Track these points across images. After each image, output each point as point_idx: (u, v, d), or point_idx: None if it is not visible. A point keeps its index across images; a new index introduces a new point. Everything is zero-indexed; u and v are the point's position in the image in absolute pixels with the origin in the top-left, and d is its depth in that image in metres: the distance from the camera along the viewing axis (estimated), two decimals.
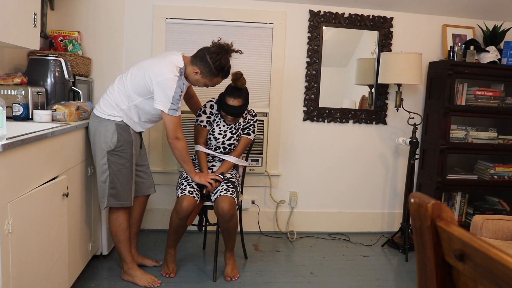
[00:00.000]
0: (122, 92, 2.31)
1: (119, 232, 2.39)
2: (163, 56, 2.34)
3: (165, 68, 2.22)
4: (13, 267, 1.49)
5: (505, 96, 3.27)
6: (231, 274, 2.55)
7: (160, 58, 2.32)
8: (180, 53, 2.35)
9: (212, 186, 2.50)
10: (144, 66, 2.29)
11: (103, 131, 2.27)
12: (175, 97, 2.22)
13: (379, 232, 3.56)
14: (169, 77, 2.20)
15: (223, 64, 2.33)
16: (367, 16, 3.33)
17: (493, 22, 3.39)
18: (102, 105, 2.33)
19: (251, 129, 2.68)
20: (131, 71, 2.34)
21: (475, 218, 2.21)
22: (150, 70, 2.24)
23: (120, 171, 2.31)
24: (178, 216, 2.42)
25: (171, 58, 2.29)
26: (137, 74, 2.28)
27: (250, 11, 3.23)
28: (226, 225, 2.44)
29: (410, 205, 0.81)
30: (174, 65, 2.25)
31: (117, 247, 2.43)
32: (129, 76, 2.32)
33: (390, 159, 3.54)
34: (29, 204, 1.62)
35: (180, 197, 2.44)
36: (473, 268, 0.70)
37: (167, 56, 2.32)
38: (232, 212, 2.40)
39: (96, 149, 2.31)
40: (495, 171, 3.32)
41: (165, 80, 2.20)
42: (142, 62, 2.35)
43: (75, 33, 2.99)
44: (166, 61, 2.27)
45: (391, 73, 3.08)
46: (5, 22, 1.85)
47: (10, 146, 1.42)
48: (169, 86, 2.20)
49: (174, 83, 2.21)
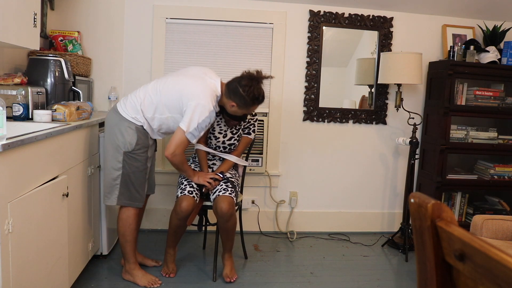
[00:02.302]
0: (152, 102, 2.28)
1: (127, 232, 2.40)
2: (202, 77, 2.30)
3: (205, 94, 2.22)
4: (13, 267, 1.49)
5: (505, 96, 3.27)
6: (230, 275, 2.54)
7: (200, 80, 2.28)
8: (219, 79, 2.34)
9: (211, 185, 2.50)
10: (182, 84, 2.27)
11: (123, 130, 2.27)
12: (201, 125, 2.22)
13: (379, 232, 3.56)
14: (206, 105, 2.20)
15: (257, 94, 2.33)
16: (367, 16, 3.33)
17: (493, 22, 3.39)
18: (128, 106, 2.31)
19: (252, 129, 2.68)
20: (167, 83, 2.30)
21: (475, 218, 2.21)
22: (188, 91, 2.22)
23: (135, 174, 2.33)
24: (177, 217, 2.42)
25: (210, 83, 2.27)
26: (173, 91, 2.26)
27: (250, 11, 3.23)
28: (225, 225, 2.44)
29: (410, 205, 0.81)
30: (214, 93, 2.25)
31: (123, 246, 2.43)
32: (165, 88, 2.28)
33: (390, 159, 3.54)
34: (29, 204, 1.62)
35: (179, 197, 2.44)
36: (473, 268, 0.70)
37: (206, 79, 2.29)
38: (231, 212, 2.40)
39: (110, 144, 2.31)
40: (495, 171, 3.33)
41: (201, 106, 2.19)
42: (180, 77, 2.32)
43: (75, 33, 2.99)
44: (206, 86, 2.25)
45: (391, 73, 3.08)
46: (5, 22, 1.85)
47: (10, 146, 1.42)
48: (202, 112, 2.20)
49: (207, 112, 2.21)
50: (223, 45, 3.24)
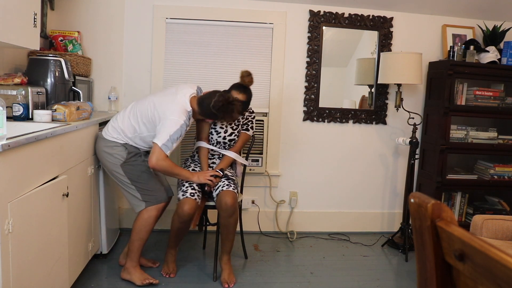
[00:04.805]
0: (130, 123, 2.43)
1: (143, 231, 2.43)
2: (173, 94, 2.43)
3: (174, 109, 2.35)
4: (13, 267, 1.49)
5: (505, 96, 3.27)
6: (228, 280, 2.49)
7: (171, 97, 2.41)
8: (189, 95, 2.43)
9: (213, 183, 2.51)
10: (156, 102, 2.41)
11: (110, 149, 2.42)
12: (173, 137, 2.32)
13: (379, 232, 3.56)
14: (176, 119, 2.33)
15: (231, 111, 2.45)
16: (367, 16, 3.33)
17: (493, 22, 3.39)
18: (110, 129, 2.46)
19: (249, 125, 2.73)
20: (143, 105, 2.44)
21: (475, 218, 2.21)
22: (160, 109, 2.37)
23: (140, 177, 2.44)
24: (179, 220, 2.42)
25: (180, 100, 2.39)
26: (147, 109, 2.41)
27: (250, 11, 3.23)
28: (227, 221, 2.43)
29: (410, 205, 0.81)
30: (183, 108, 2.37)
31: (133, 243, 2.43)
32: (140, 109, 2.43)
33: (390, 159, 3.54)
34: (29, 204, 1.62)
35: (181, 200, 2.43)
36: (473, 268, 0.70)
37: (177, 96, 2.41)
38: (235, 207, 2.43)
39: (107, 167, 2.48)
40: (495, 171, 3.32)
41: (171, 120, 2.32)
42: (154, 97, 2.46)
43: (75, 33, 2.99)
44: (177, 102, 2.38)
45: (391, 73, 3.08)
46: (5, 22, 1.85)
47: (10, 146, 1.42)
48: (172, 126, 2.32)
49: (178, 126, 2.33)
50: (223, 45, 3.24)
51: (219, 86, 3.23)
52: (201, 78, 3.23)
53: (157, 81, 3.21)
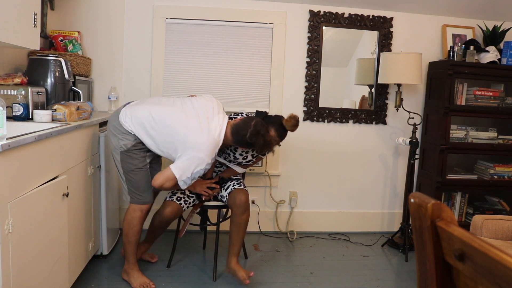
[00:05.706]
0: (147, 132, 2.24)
1: (130, 233, 2.39)
2: (207, 122, 2.22)
3: (206, 147, 2.18)
4: (13, 267, 1.49)
5: (505, 96, 3.27)
6: (246, 274, 2.39)
7: (206, 128, 2.20)
8: (226, 121, 2.26)
9: (208, 195, 2.50)
10: (188, 127, 2.20)
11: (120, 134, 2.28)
12: (195, 175, 2.22)
13: (379, 232, 3.56)
14: (204, 158, 2.18)
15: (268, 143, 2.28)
16: (367, 16, 3.33)
17: (493, 22, 3.39)
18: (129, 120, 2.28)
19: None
20: (173, 120, 2.22)
21: (475, 218, 2.21)
22: (191, 138, 2.18)
23: (134, 172, 2.33)
24: (159, 219, 2.47)
25: (215, 133, 2.20)
26: (174, 131, 2.20)
27: (250, 11, 3.23)
28: (240, 218, 2.43)
29: (410, 205, 0.81)
30: (216, 145, 2.21)
31: (125, 246, 2.43)
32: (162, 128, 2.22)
33: (390, 159, 3.54)
34: (29, 204, 1.62)
35: (166, 201, 2.48)
36: (473, 268, 0.70)
37: (212, 125, 2.21)
38: (248, 204, 2.46)
39: (111, 144, 2.36)
40: (495, 171, 3.32)
41: (199, 158, 2.17)
42: (186, 117, 2.22)
43: (75, 33, 2.99)
44: (210, 136, 2.19)
45: (391, 73, 3.08)
46: (5, 22, 1.85)
47: (10, 146, 1.42)
48: (198, 164, 2.18)
49: (203, 165, 2.19)
50: (223, 45, 3.24)
51: (219, 86, 3.25)
52: (201, 78, 3.23)
53: (157, 81, 3.21)
